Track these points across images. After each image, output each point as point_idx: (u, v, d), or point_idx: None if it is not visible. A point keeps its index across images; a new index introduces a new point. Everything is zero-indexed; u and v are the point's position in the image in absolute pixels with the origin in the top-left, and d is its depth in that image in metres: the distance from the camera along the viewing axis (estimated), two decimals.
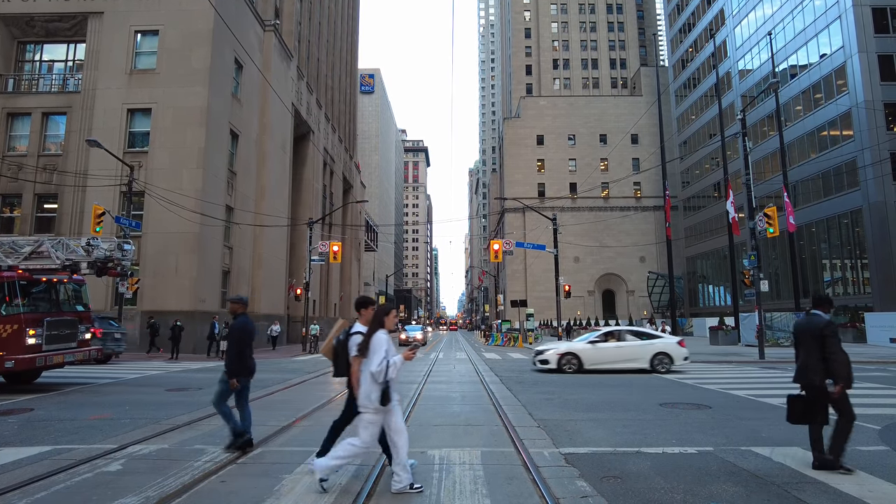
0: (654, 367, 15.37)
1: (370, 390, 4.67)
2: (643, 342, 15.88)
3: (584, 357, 15.66)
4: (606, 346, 15.81)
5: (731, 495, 4.69)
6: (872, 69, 36.30)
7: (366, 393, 4.69)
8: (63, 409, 9.39)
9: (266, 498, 4.62)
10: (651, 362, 15.41)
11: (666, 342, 15.88)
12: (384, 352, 4.66)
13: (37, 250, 11.98)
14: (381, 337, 4.75)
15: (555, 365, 15.70)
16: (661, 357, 15.44)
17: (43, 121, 26.79)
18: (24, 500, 4.57)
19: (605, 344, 15.87)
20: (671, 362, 15.46)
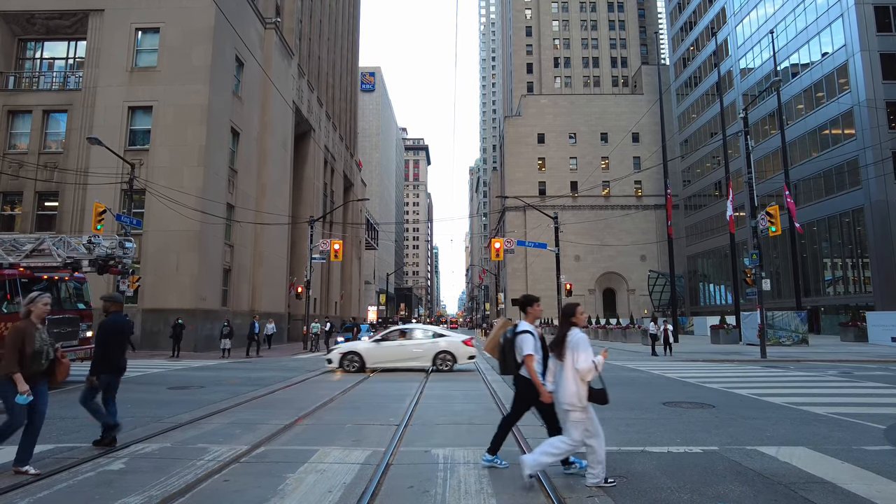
0: (437, 366, 15.62)
1: (577, 388, 4.74)
2: (426, 341, 16.15)
3: (366, 356, 15.77)
4: (389, 344, 16.00)
5: (739, 495, 4.65)
6: (875, 68, 36.22)
7: (573, 392, 4.75)
8: (64, 408, 9.36)
9: (270, 497, 4.59)
10: (434, 361, 15.67)
11: (450, 341, 16.05)
12: (592, 349, 4.76)
13: (38, 248, 11.98)
14: (581, 335, 4.83)
15: (337, 364, 15.76)
16: (445, 355, 15.71)
17: (44, 118, 26.76)
18: (27, 499, 4.55)
19: (388, 342, 16.08)
20: (454, 361, 15.71)
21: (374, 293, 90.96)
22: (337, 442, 6.70)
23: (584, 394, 4.71)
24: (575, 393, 4.74)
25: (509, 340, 5.17)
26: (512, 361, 5.15)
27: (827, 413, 8.51)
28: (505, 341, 5.20)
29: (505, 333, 5.28)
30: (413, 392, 11.30)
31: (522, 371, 5.15)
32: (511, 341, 5.16)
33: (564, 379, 4.79)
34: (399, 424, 7.74)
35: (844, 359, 18.87)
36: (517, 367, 5.14)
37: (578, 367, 4.69)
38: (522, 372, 5.15)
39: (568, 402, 4.77)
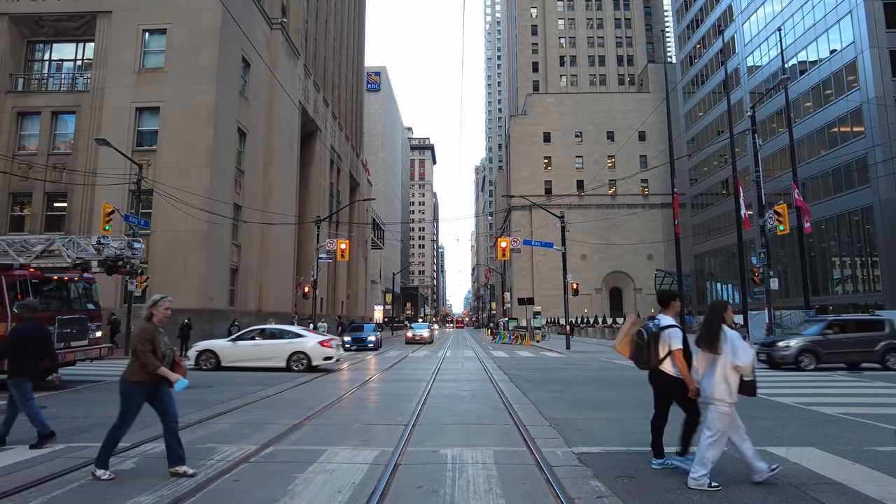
0: (290, 366, 15.81)
1: (729, 384, 4.83)
2: (281, 341, 16.34)
3: (221, 354, 16.04)
4: (245, 344, 16.20)
5: (748, 496, 4.64)
6: (884, 65, 35.92)
7: (723, 387, 4.84)
8: (75, 407, 9.45)
9: (280, 497, 4.61)
10: (288, 361, 15.88)
11: (304, 342, 16.17)
12: (748, 346, 4.85)
13: (48, 249, 12.04)
14: (734, 332, 4.93)
15: (194, 362, 15.97)
16: (299, 356, 15.92)
17: (52, 120, 26.96)
18: (40, 498, 4.58)
19: (244, 342, 16.28)
20: (309, 361, 15.87)
21: (380, 292, 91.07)
22: (345, 442, 6.72)
23: (735, 389, 4.84)
24: (726, 388, 4.85)
25: (654, 335, 5.23)
26: (654, 356, 5.23)
27: (837, 413, 8.45)
28: (649, 336, 5.25)
29: (645, 329, 5.33)
30: (421, 392, 11.32)
31: (664, 366, 5.23)
32: (656, 336, 5.23)
33: (715, 374, 4.87)
34: (407, 424, 7.76)
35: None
36: (659, 362, 5.22)
37: (740, 362, 4.79)
38: (663, 367, 5.23)
39: (719, 397, 4.87)
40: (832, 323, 16.35)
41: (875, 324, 16.26)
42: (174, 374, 5.18)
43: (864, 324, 16.32)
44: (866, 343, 15.76)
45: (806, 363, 15.60)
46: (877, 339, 15.78)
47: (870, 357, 15.78)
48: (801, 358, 15.64)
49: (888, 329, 15.96)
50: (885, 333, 15.86)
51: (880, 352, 15.62)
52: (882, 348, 15.63)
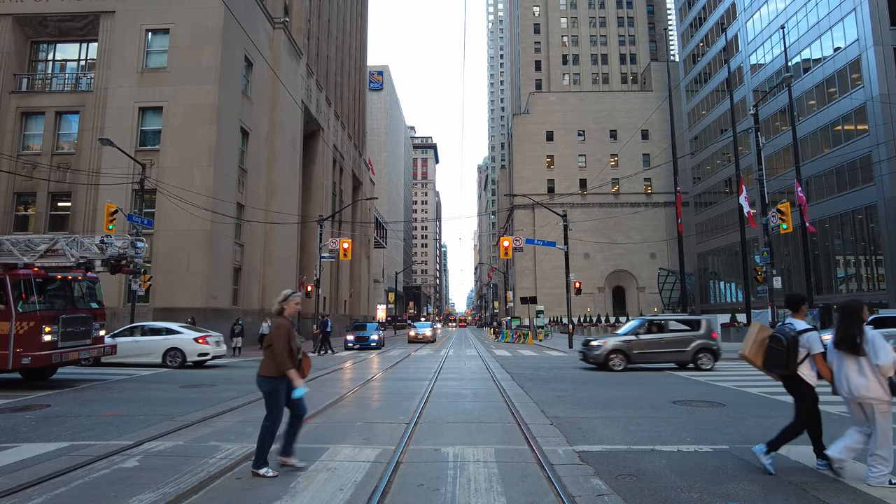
0: (166, 363, 16.34)
1: (879, 383, 4.85)
2: (157, 338, 16.82)
3: None
4: (123, 340, 16.41)
5: (749, 494, 4.64)
6: (888, 62, 35.76)
7: (875, 386, 4.85)
8: (79, 406, 9.50)
9: (282, 495, 4.63)
10: (163, 357, 16.50)
11: (179, 339, 16.67)
12: (888, 346, 4.89)
13: (52, 248, 12.10)
14: (874, 332, 4.98)
15: None
16: (174, 352, 16.54)
17: (56, 120, 27.04)
18: (44, 495, 4.62)
19: (123, 339, 16.52)
20: (183, 358, 16.40)
21: (383, 291, 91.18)
22: (347, 440, 6.75)
23: (887, 386, 4.86)
24: (878, 387, 4.86)
25: (793, 340, 5.26)
26: (793, 361, 5.27)
27: (840, 412, 8.44)
28: (789, 341, 5.27)
29: (782, 334, 5.35)
30: (423, 391, 11.34)
31: (801, 371, 5.28)
32: (796, 340, 5.26)
33: (865, 374, 4.90)
34: (409, 423, 7.78)
35: None
36: (797, 366, 5.27)
37: (880, 362, 4.81)
38: (801, 372, 5.28)
39: (874, 397, 4.87)
40: (648, 322, 16.23)
41: (691, 323, 16.11)
42: (299, 379, 5.20)
43: (680, 323, 16.14)
44: (679, 343, 15.65)
45: (615, 363, 15.44)
46: (690, 339, 15.68)
47: (682, 357, 15.66)
48: (610, 357, 15.49)
49: (703, 329, 15.87)
50: (699, 333, 15.76)
51: (692, 352, 15.53)
52: (694, 348, 15.53)
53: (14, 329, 10.81)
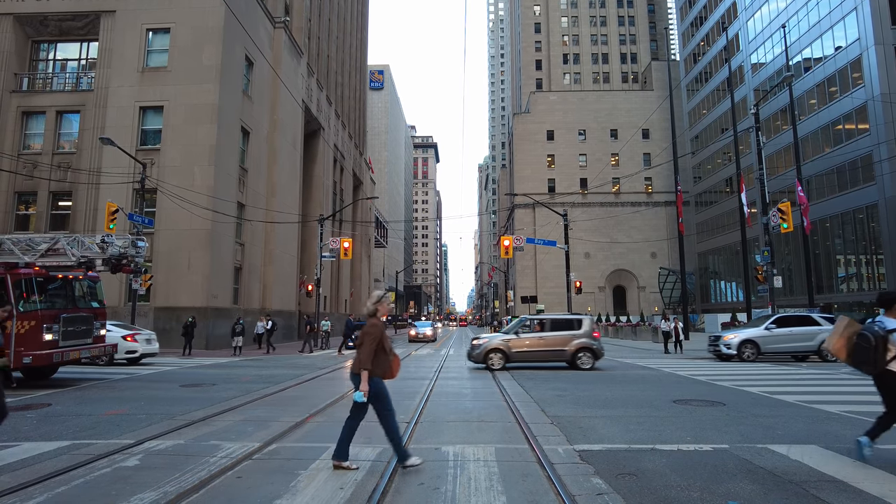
0: (93, 360, 15.94)
1: None
2: None
3: None
4: None
5: (749, 493, 4.65)
6: (889, 61, 35.73)
7: None
8: (80, 405, 9.51)
9: (283, 494, 4.64)
10: None
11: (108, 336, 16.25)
12: None
13: (53, 247, 12.12)
14: None
15: None
16: None
17: (57, 119, 27.07)
18: (45, 494, 4.63)
19: None
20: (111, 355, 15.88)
21: (383, 291, 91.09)
22: None
23: None
24: None
25: (882, 338, 5.28)
26: (882, 359, 5.28)
27: (840, 412, 8.45)
28: (877, 339, 5.29)
29: (870, 332, 5.38)
30: (423, 390, 11.35)
31: (892, 367, 5.29)
32: (885, 339, 5.28)
33: None
34: (409, 422, 7.79)
35: None
36: (886, 363, 5.28)
37: None
38: (892, 368, 5.29)
39: None
40: (529, 321, 16.41)
41: (573, 323, 16.18)
42: (365, 384, 5.16)
43: (561, 323, 16.21)
44: (560, 342, 15.73)
45: (494, 362, 15.62)
46: (571, 338, 15.76)
47: (562, 356, 15.77)
48: (490, 357, 15.66)
49: (585, 328, 15.91)
50: (579, 333, 15.82)
51: (571, 351, 15.62)
52: (574, 347, 15.60)
53: (15, 328, 10.83)
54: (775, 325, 18.14)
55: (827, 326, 17.68)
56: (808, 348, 17.77)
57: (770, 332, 17.93)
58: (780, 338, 17.85)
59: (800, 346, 17.82)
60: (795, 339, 17.80)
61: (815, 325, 17.95)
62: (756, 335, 17.98)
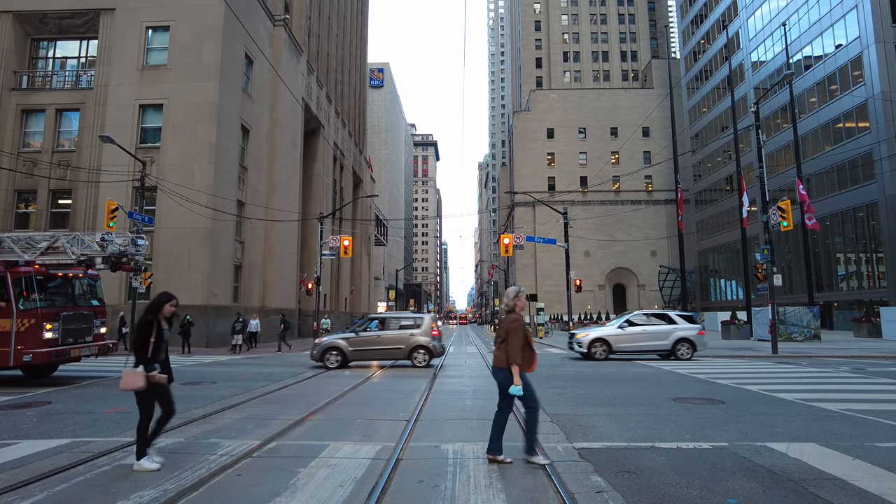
0: None
1: None
2: None
3: None
4: None
5: (748, 491, 4.65)
6: (890, 59, 35.71)
7: None
8: (80, 403, 9.52)
9: (282, 491, 4.65)
10: None
11: None
12: None
13: (53, 245, 12.10)
14: None
15: None
16: None
17: (57, 117, 27.04)
18: (45, 491, 4.64)
19: None
20: None
21: (383, 289, 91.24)
22: (348, 437, 6.77)
23: None
24: None
25: None
26: None
27: (839, 409, 8.46)
28: None
29: None
30: (423, 388, 11.36)
31: None
32: None
33: None
34: (409, 420, 7.80)
35: (857, 355, 18.71)
36: None
37: None
38: None
39: None
40: (370, 319, 16.89)
41: (411, 321, 16.49)
42: (518, 377, 5.32)
43: (400, 322, 16.53)
44: (398, 340, 16.02)
45: (331, 361, 15.89)
46: (408, 336, 16.01)
47: (399, 353, 16.04)
48: (326, 357, 15.93)
49: (422, 327, 16.17)
50: (417, 332, 16.09)
51: (407, 349, 15.88)
52: (411, 345, 15.90)
53: (15, 326, 10.83)
54: (629, 324, 18.28)
55: (683, 325, 17.86)
56: (662, 347, 17.72)
57: (623, 331, 18.03)
58: (634, 336, 17.88)
59: (653, 344, 17.80)
60: (649, 338, 17.81)
61: (671, 323, 18.01)
62: (607, 334, 18.06)
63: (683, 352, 17.64)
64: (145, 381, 5.13)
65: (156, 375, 5.23)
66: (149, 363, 5.21)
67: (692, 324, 18.40)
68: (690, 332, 17.85)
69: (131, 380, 5.12)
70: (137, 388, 5.14)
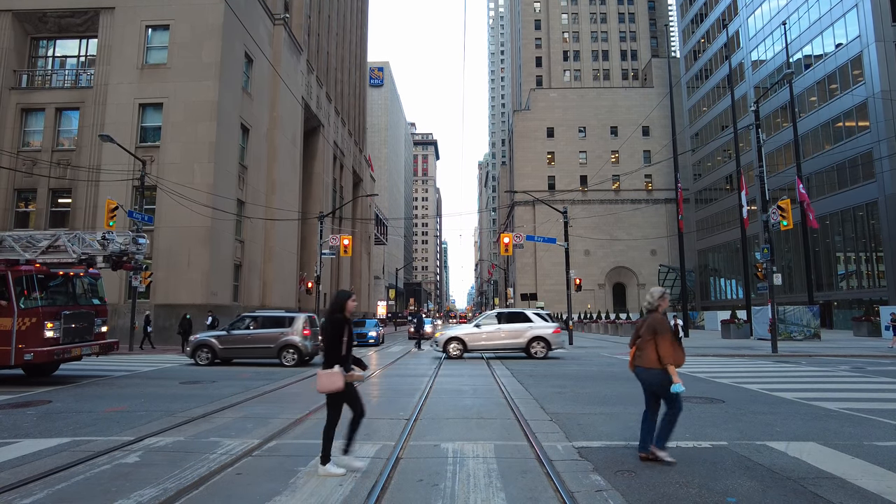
0: None
1: None
2: None
3: None
4: None
5: (747, 490, 4.66)
6: (890, 58, 35.70)
7: None
8: (80, 402, 9.53)
9: (282, 490, 4.66)
10: None
11: None
12: None
13: (53, 244, 12.07)
14: None
15: None
16: None
17: (56, 116, 27.04)
18: (46, 490, 4.65)
19: None
20: None
21: (383, 288, 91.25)
22: None
23: None
24: None
25: None
26: None
27: (838, 409, 8.46)
28: None
29: None
30: (423, 387, 11.37)
31: None
32: None
33: None
34: (409, 419, 7.81)
35: (857, 354, 18.72)
36: None
37: None
38: None
39: None
40: (246, 317, 17.15)
41: (283, 321, 16.74)
42: (677, 375, 5.33)
43: (272, 320, 16.82)
44: (267, 339, 16.33)
45: (201, 358, 16.29)
46: (278, 336, 16.29)
47: (269, 353, 16.36)
48: (198, 353, 16.36)
49: (295, 326, 16.41)
50: (288, 331, 16.36)
51: (277, 348, 16.17)
52: (279, 345, 16.14)
53: (16, 325, 10.82)
54: (486, 322, 18.72)
55: (539, 323, 18.36)
56: (517, 345, 18.14)
57: (479, 330, 18.43)
58: (490, 335, 18.25)
59: (509, 343, 18.19)
60: (505, 337, 18.19)
61: (526, 322, 18.36)
62: (463, 333, 18.50)
63: (538, 350, 18.02)
64: (343, 382, 5.02)
65: (353, 374, 5.15)
66: (345, 362, 5.10)
67: (549, 322, 18.79)
68: (545, 330, 18.24)
69: (330, 381, 5.00)
70: (336, 389, 5.02)
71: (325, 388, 5.04)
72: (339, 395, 5.10)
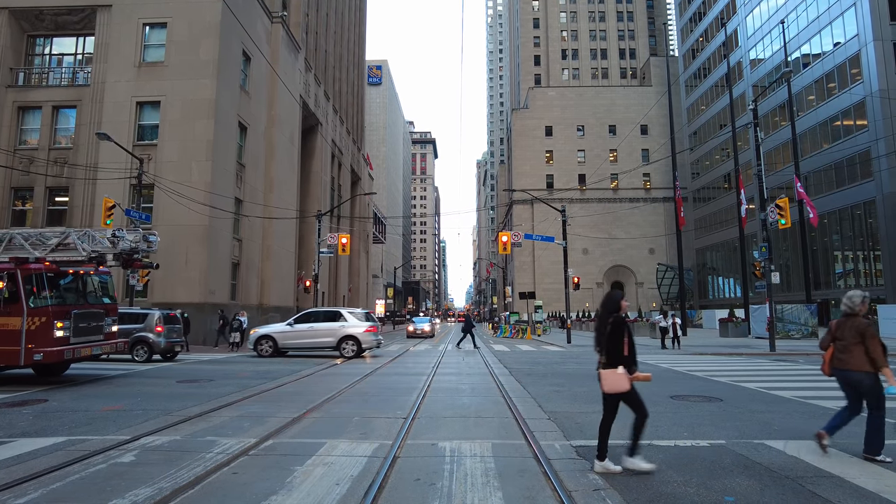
0: None
1: None
2: None
3: None
4: None
5: (746, 489, 4.65)
6: (888, 57, 35.74)
7: None
8: (76, 401, 9.48)
9: (278, 489, 4.63)
10: None
11: None
12: None
13: (63, 242, 11.89)
14: None
15: None
16: None
17: (53, 114, 26.93)
18: (41, 490, 4.62)
19: None
20: None
21: (381, 287, 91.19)
22: (345, 435, 6.75)
23: None
24: None
25: None
26: None
27: (836, 407, 8.41)
28: None
29: None
30: (421, 385, 11.35)
31: None
32: None
33: None
34: (406, 417, 7.79)
35: None
36: None
37: None
38: None
39: None
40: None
41: (138, 317, 17.11)
42: (892, 377, 5.31)
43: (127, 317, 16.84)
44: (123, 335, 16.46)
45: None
46: (133, 331, 16.59)
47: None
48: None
49: (146, 323, 16.92)
50: (140, 327, 16.84)
51: (130, 343, 16.37)
52: (132, 340, 16.42)
53: (26, 325, 10.61)
54: (297, 321, 18.93)
55: (352, 322, 18.58)
56: (328, 344, 18.43)
57: (291, 329, 18.63)
58: (301, 333, 18.51)
59: (321, 341, 18.50)
60: (317, 335, 18.50)
61: (340, 321, 18.66)
62: (275, 331, 18.80)
63: (348, 350, 18.25)
64: (629, 382, 5.00)
65: (639, 375, 5.12)
66: (630, 363, 5.07)
67: (365, 322, 18.95)
68: (357, 329, 18.46)
69: (617, 382, 5.00)
70: (622, 390, 5.01)
71: (612, 389, 5.06)
72: (619, 395, 5.12)
